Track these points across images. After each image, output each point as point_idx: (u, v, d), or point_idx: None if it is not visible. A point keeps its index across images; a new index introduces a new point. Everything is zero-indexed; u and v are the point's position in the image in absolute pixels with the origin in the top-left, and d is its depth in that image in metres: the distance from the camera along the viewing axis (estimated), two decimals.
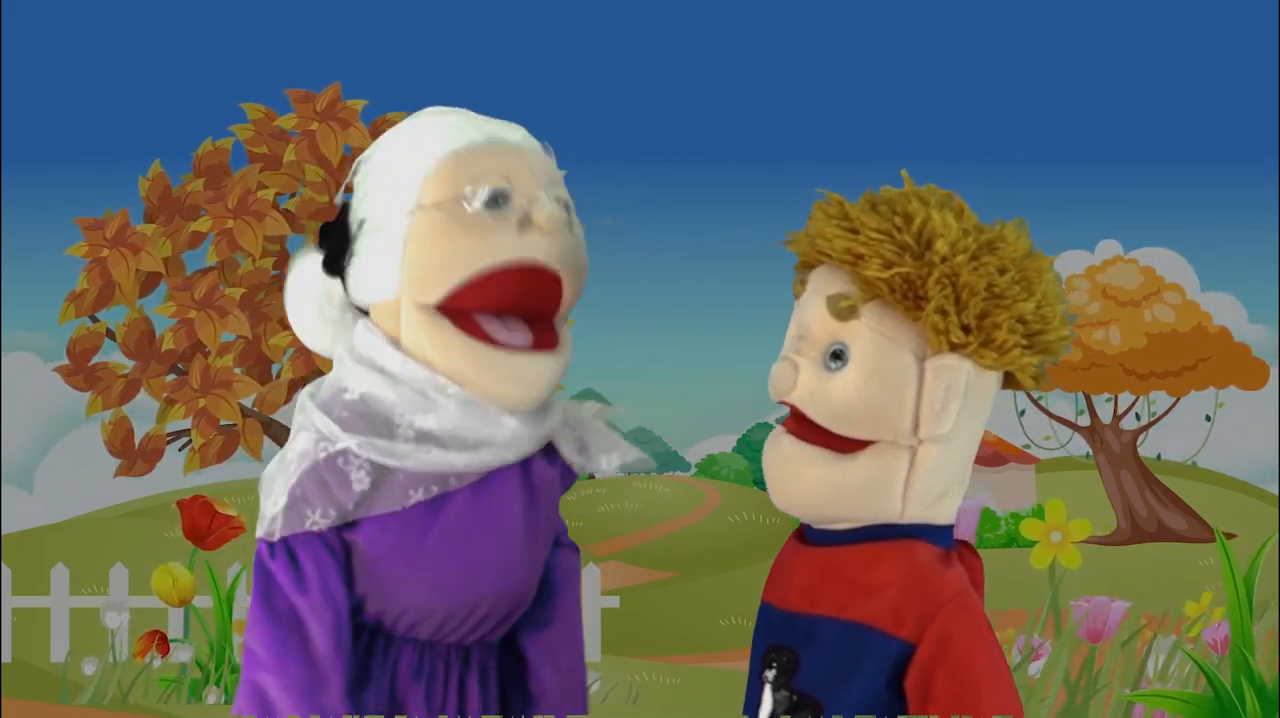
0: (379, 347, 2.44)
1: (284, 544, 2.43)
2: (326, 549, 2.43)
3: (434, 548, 2.45)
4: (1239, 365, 11.15)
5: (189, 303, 8.79)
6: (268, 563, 2.43)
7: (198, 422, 8.86)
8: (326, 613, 2.41)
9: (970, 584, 2.38)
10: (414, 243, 2.40)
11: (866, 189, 2.38)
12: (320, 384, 2.51)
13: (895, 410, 2.31)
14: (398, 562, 2.45)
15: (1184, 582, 8.96)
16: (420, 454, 2.42)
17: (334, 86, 8.95)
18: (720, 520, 11.57)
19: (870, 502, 2.34)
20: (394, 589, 2.46)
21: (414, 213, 2.41)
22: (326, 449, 2.42)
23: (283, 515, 2.43)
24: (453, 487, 2.45)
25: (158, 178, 9.07)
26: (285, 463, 2.45)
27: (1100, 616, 5.65)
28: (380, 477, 2.43)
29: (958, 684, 2.29)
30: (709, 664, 8.38)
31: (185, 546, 7.22)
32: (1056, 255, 2.39)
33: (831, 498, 2.35)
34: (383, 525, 2.44)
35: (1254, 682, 5.13)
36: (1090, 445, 11.48)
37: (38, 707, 6.82)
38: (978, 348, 2.29)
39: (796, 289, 2.42)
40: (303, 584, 2.41)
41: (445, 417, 2.42)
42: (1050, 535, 5.74)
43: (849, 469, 2.33)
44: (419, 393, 2.42)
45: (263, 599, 2.41)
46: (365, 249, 2.44)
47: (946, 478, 2.36)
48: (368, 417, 2.42)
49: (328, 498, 2.42)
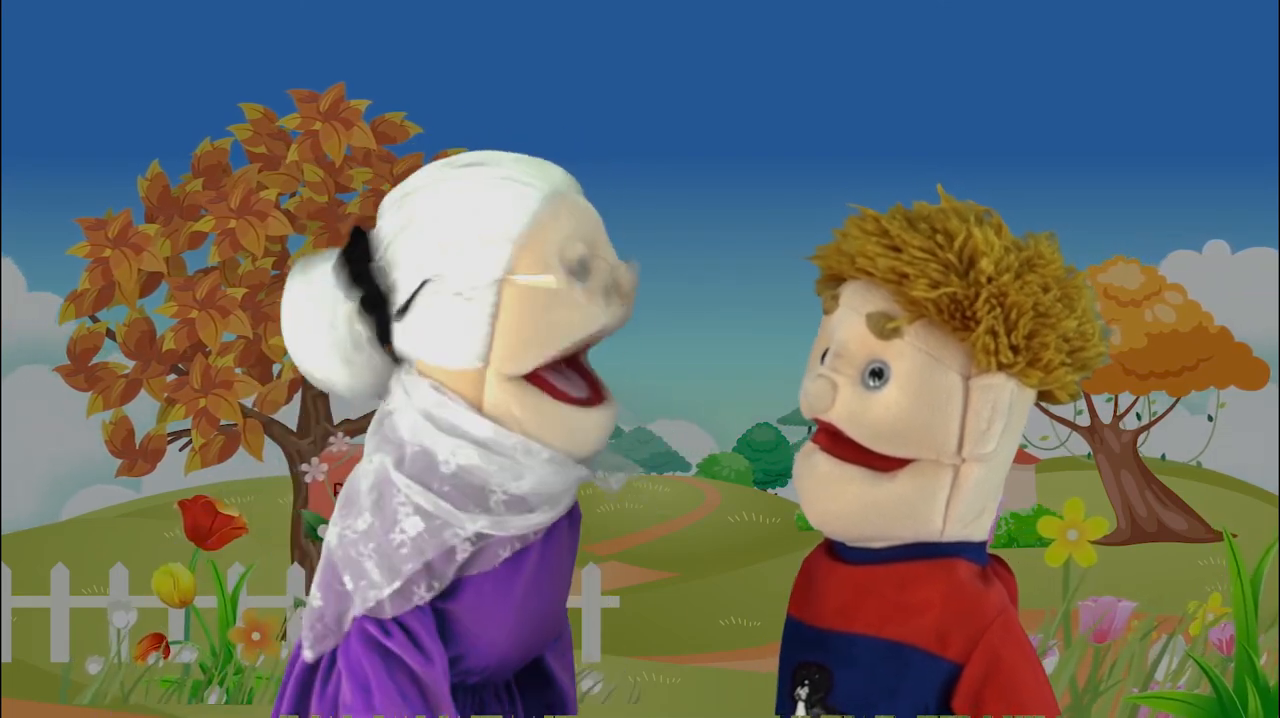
0: (465, 415, 2.40)
1: (397, 622, 2.40)
2: (432, 617, 2.42)
3: (520, 601, 2.47)
4: (1239, 365, 11.15)
5: (190, 303, 8.78)
6: (385, 642, 2.39)
7: (198, 422, 8.85)
8: (445, 680, 2.41)
9: (1009, 600, 2.38)
10: (507, 316, 2.38)
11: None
12: (395, 450, 2.44)
13: (940, 430, 2.30)
14: (491, 620, 2.46)
15: (1184, 582, 8.97)
16: (518, 519, 2.42)
17: (338, 86, 8.95)
18: (720, 520, 11.56)
19: (912, 520, 2.33)
20: (483, 646, 2.47)
21: (505, 284, 2.38)
22: (455, 536, 2.39)
23: (391, 598, 2.40)
24: (531, 541, 2.46)
25: (156, 178, 9.07)
26: (390, 544, 2.40)
27: (1107, 616, 5.65)
28: (479, 543, 2.43)
29: (1008, 705, 2.29)
30: (709, 664, 8.38)
31: (186, 546, 7.21)
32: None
33: (872, 517, 2.34)
34: (476, 588, 2.44)
35: (1258, 683, 5.13)
36: (1090, 445, 11.47)
37: (38, 707, 6.82)
38: (1025, 367, 2.29)
39: (828, 305, 2.39)
40: (427, 657, 2.40)
41: (531, 478, 2.41)
42: (1067, 534, 5.74)
43: (889, 488, 2.32)
44: (512, 460, 2.41)
45: (388, 679, 2.38)
46: (437, 312, 2.39)
47: (985, 496, 2.36)
48: (467, 489, 2.40)
49: (432, 575, 2.41)
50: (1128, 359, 11.14)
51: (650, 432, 13.03)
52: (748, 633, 9.07)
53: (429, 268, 2.39)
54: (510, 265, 2.37)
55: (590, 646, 7.97)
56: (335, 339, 2.44)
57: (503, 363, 2.39)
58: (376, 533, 2.41)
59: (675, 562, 10.86)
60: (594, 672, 7.52)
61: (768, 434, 12.93)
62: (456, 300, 2.38)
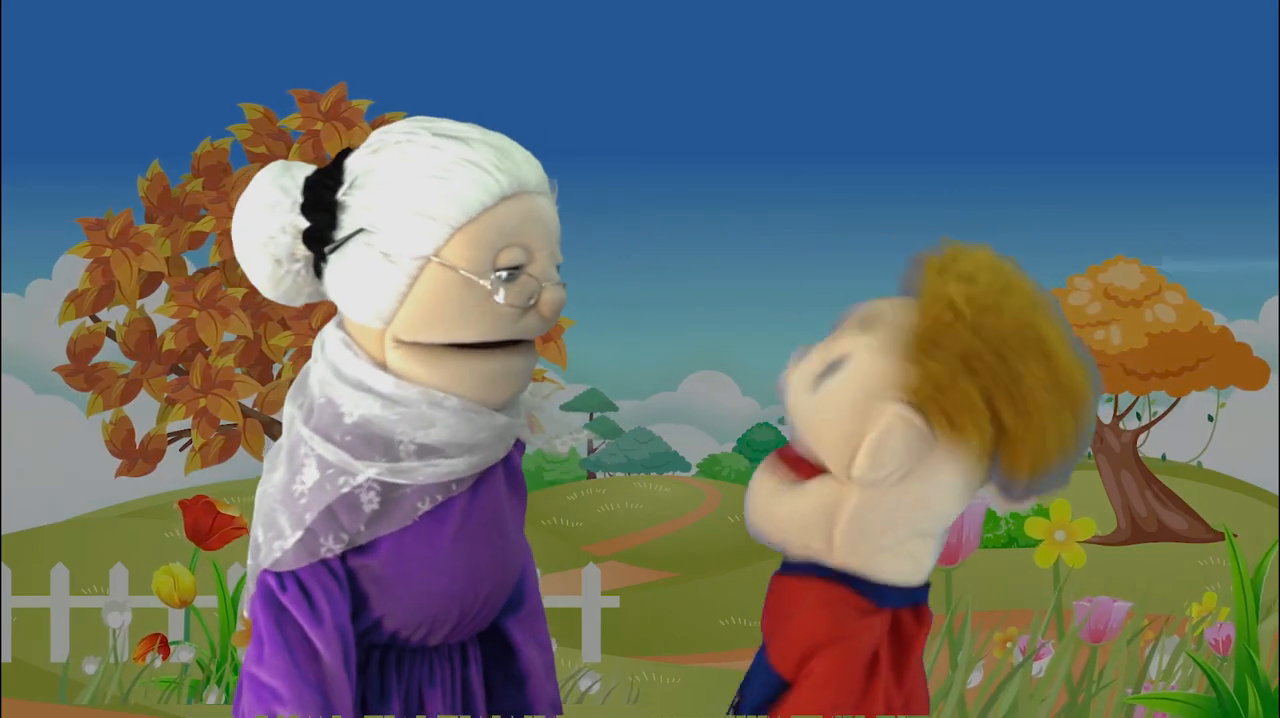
0: (367, 371, 2.43)
1: (293, 576, 2.41)
2: (333, 577, 2.42)
3: (445, 555, 2.46)
4: (1239, 365, 11.15)
5: (190, 303, 8.79)
6: (279, 596, 2.41)
7: (198, 422, 8.86)
8: (337, 643, 2.41)
9: (886, 638, 2.29)
10: (422, 292, 2.39)
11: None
12: (305, 402, 2.48)
13: (847, 441, 2.23)
14: (414, 575, 2.45)
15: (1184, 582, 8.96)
16: (427, 468, 2.42)
17: (339, 86, 8.96)
18: (720, 520, 11.55)
19: (802, 534, 2.28)
20: (412, 602, 2.46)
21: (430, 263, 2.39)
22: (348, 483, 2.41)
23: (293, 549, 2.42)
24: (453, 492, 2.46)
25: (156, 178, 9.08)
26: (291, 495, 2.42)
27: (1102, 616, 5.65)
28: (389, 495, 2.42)
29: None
30: (709, 664, 8.38)
31: (186, 546, 7.21)
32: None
33: (779, 525, 2.30)
34: (395, 542, 2.44)
35: (1258, 683, 5.12)
36: (1090, 445, 11.47)
37: (38, 707, 6.82)
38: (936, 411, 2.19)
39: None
40: (317, 616, 2.41)
41: (443, 428, 2.42)
42: (1055, 534, 5.75)
43: (793, 498, 2.28)
44: (417, 411, 2.41)
45: (277, 631, 2.40)
46: (360, 264, 2.42)
47: (880, 531, 2.26)
48: (370, 439, 2.41)
49: (338, 526, 2.42)
50: (1128, 359, 11.13)
51: (650, 432, 13.03)
52: (748, 633, 9.06)
53: (369, 220, 2.40)
54: (440, 247, 2.38)
55: (590, 646, 7.97)
56: (274, 243, 2.46)
57: (400, 330, 2.41)
58: (285, 485, 2.44)
59: (675, 562, 10.85)
60: (594, 672, 7.51)
61: (768, 434, 12.93)
62: (381, 260, 2.39)
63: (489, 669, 2.63)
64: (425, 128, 2.45)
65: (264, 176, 2.51)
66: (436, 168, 2.40)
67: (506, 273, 2.39)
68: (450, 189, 2.39)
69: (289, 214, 2.46)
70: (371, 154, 2.45)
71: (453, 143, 2.42)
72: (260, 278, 2.50)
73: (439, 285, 2.38)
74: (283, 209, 2.46)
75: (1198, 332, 11.17)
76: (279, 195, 2.47)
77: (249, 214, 2.48)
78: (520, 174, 2.43)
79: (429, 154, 2.41)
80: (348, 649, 2.42)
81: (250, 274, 2.51)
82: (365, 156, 2.46)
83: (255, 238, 2.47)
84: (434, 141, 2.42)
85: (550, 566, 8.64)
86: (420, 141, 2.42)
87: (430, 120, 2.48)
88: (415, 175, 2.40)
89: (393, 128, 2.48)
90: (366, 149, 2.47)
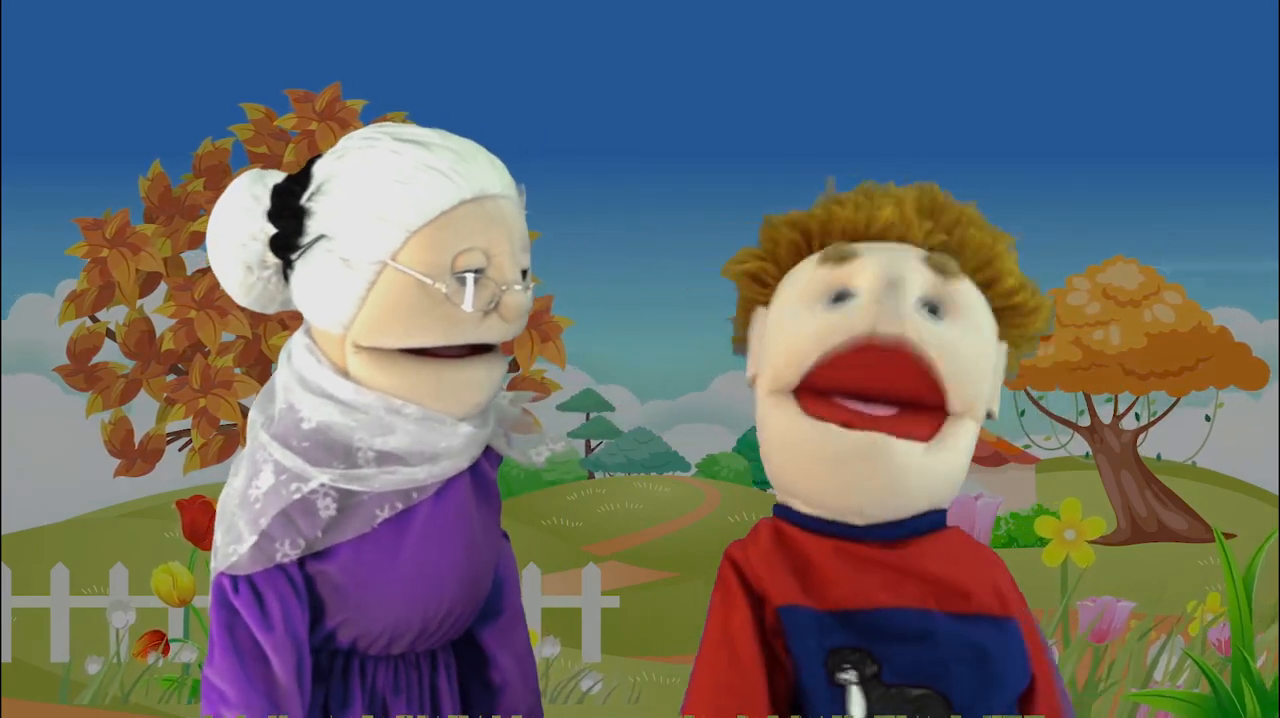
0: (328, 377, 2.43)
1: (247, 580, 2.41)
2: (289, 584, 2.42)
3: (406, 563, 2.45)
4: (1238, 365, 11.15)
5: (189, 303, 8.78)
6: (231, 599, 2.41)
7: (198, 422, 8.85)
8: (289, 649, 2.40)
9: None
10: (379, 297, 2.39)
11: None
12: (268, 410, 2.48)
13: (981, 379, 2.29)
14: (372, 583, 2.44)
15: (1184, 582, 8.96)
16: (385, 475, 2.42)
17: (334, 86, 8.95)
18: (720, 520, 11.54)
19: (948, 487, 2.33)
20: (370, 611, 2.46)
21: (387, 268, 2.38)
22: (300, 489, 2.41)
23: (249, 553, 2.41)
24: (415, 501, 2.45)
25: (157, 178, 9.07)
26: (247, 500, 2.42)
27: (1106, 616, 5.65)
28: (346, 502, 2.42)
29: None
30: None
31: (185, 546, 7.21)
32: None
33: (926, 490, 2.31)
34: (354, 550, 2.43)
35: (1254, 683, 5.13)
36: (1090, 445, 11.47)
37: (38, 707, 6.82)
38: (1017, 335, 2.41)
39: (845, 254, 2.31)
40: (267, 621, 2.40)
41: (404, 436, 2.41)
42: (1064, 533, 5.75)
43: (940, 456, 2.27)
44: (376, 419, 2.41)
45: (227, 634, 2.40)
46: (322, 269, 2.42)
47: None
48: (328, 445, 2.42)
49: (295, 531, 2.41)
50: (1128, 359, 11.13)
51: (650, 432, 13.03)
52: None
53: (329, 226, 2.41)
54: (397, 250, 2.37)
55: (590, 646, 7.96)
56: (245, 249, 2.48)
57: (359, 336, 2.41)
58: (242, 489, 2.44)
59: (675, 562, 10.85)
60: (594, 672, 7.51)
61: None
62: (341, 265, 2.40)
63: (465, 678, 2.62)
64: (388, 133, 2.45)
65: (238, 184, 2.51)
66: (396, 172, 2.40)
67: (464, 277, 2.38)
68: (408, 193, 2.38)
69: (259, 221, 2.46)
70: (336, 160, 2.46)
71: (413, 148, 2.41)
72: (232, 285, 2.52)
73: (395, 289, 2.38)
74: (254, 216, 2.47)
75: (1197, 332, 11.17)
76: (250, 203, 2.48)
77: (222, 221, 2.50)
78: (481, 178, 2.42)
79: (389, 159, 2.41)
80: (301, 656, 2.42)
81: (223, 281, 2.53)
82: (330, 162, 2.46)
83: (228, 245, 2.49)
84: (395, 146, 2.42)
85: (550, 566, 8.64)
86: (381, 147, 2.42)
87: (396, 125, 2.47)
88: (375, 180, 2.40)
89: (358, 133, 2.48)
90: (332, 155, 2.47)
